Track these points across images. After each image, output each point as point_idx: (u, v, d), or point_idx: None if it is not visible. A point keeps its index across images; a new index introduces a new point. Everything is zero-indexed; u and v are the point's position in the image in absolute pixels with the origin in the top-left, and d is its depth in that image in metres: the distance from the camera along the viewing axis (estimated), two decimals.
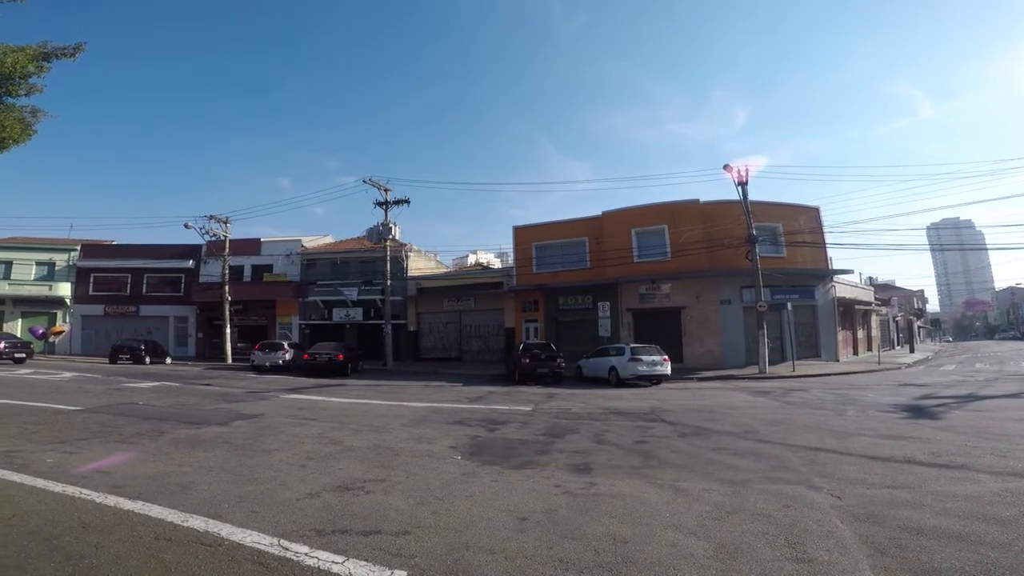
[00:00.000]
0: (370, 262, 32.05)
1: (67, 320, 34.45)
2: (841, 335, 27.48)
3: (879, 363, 25.19)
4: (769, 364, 21.36)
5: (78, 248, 35.67)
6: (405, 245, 33.10)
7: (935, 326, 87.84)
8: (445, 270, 38.94)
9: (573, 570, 3.41)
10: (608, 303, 25.71)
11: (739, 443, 7.89)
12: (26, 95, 11.47)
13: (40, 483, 4.92)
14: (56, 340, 33.30)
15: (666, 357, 18.29)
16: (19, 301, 33.94)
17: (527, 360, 19.10)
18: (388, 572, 3.28)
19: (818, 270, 25.83)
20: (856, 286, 32.27)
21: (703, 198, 26.05)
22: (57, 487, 4.83)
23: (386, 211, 27.48)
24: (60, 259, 35.09)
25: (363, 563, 3.37)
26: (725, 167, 22.10)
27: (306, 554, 3.47)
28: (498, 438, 8.23)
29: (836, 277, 26.95)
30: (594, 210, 31.35)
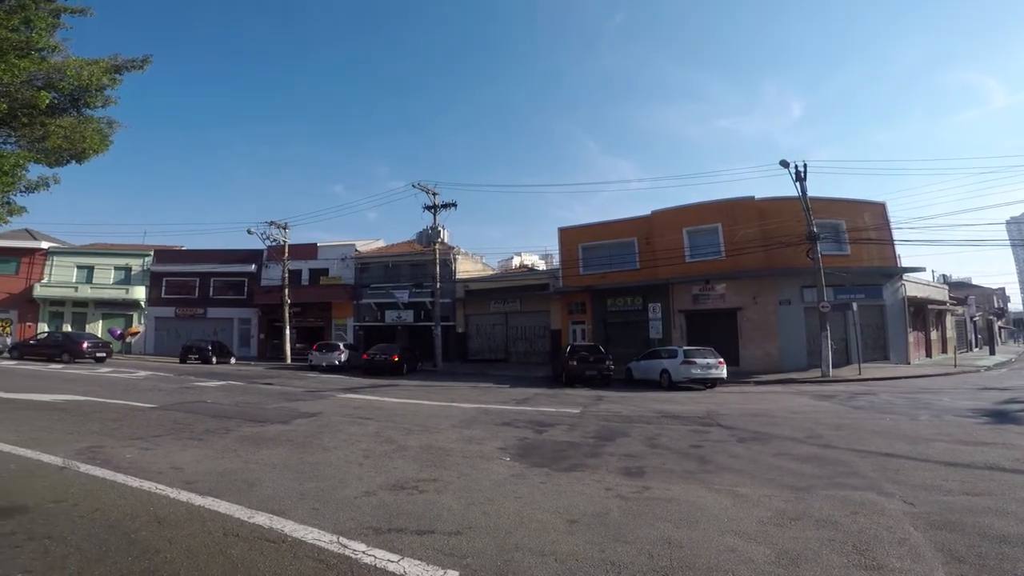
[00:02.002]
0: (420, 265, 32.71)
1: (142, 321, 36.90)
2: (912, 336, 25.85)
3: (955, 366, 23.56)
4: (833, 367, 20.33)
5: (151, 253, 38.18)
6: (453, 248, 33.60)
7: (1018, 327, 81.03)
8: (491, 272, 39.24)
9: (626, 573, 3.36)
10: (659, 304, 25.17)
11: (802, 448, 7.56)
12: (102, 107, 11.97)
13: (120, 478, 5.23)
14: (132, 340, 35.75)
15: (721, 360, 17.72)
16: (100, 303, 36.63)
17: (575, 362, 18.95)
18: (441, 572, 3.32)
19: (885, 268, 24.41)
20: (928, 284, 30.29)
21: (758, 195, 25.15)
22: (135, 482, 5.12)
23: (435, 214, 27.97)
24: (135, 264, 37.66)
25: (417, 562, 3.43)
26: (782, 162, 21.23)
27: (363, 552, 3.56)
28: (546, 440, 8.21)
29: (906, 275, 25.36)
30: (641, 209, 30.83)
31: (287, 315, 31.96)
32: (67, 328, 33.61)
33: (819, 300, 20.79)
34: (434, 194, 27.90)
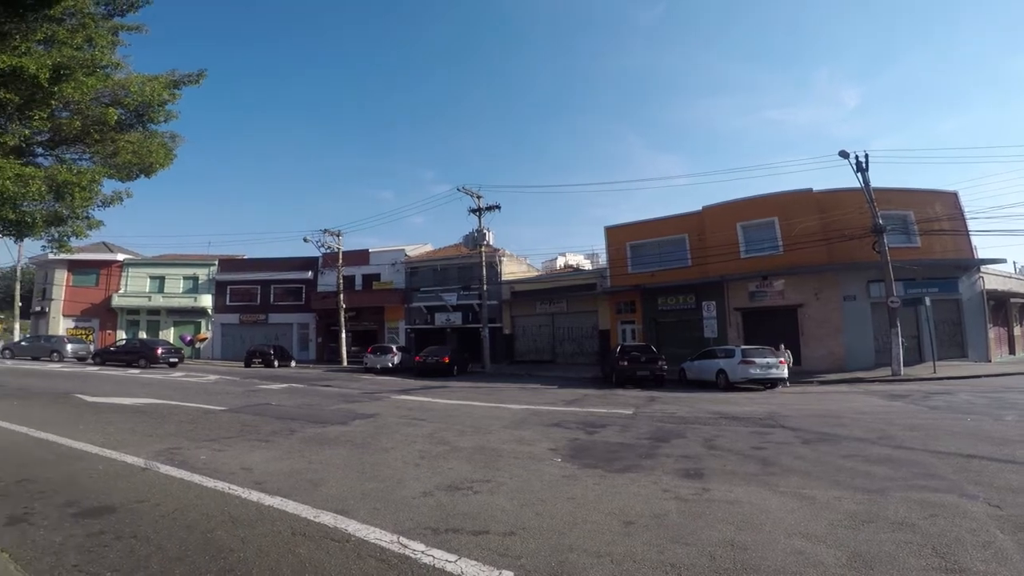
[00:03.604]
0: (467, 268, 33.10)
1: (209, 328, 39.10)
2: (993, 332, 23.99)
3: None
4: (904, 365, 19.17)
5: (216, 263, 40.41)
6: (498, 250, 33.82)
7: None
8: (536, 273, 39.25)
9: (686, 575, 3.29)
10: (713, 303, 24.40)
11: (873, 449, 7.19)
12: (164, 121, 12.33)
13: (196, 479, 5.51)
14: (201, 346, 37.94)
15: (782, 359, 17.04)
16: (171, 311, 39.12)
17: (625, 362, 18.68)
18: (496, 572, 3.34)
19: (961, 260, 22.81)
20: (1011, 277, 27.98)
21: (813, 187, 24.08)
22: (209, 483, 5.37)
23: (479, 217, 28.29)
24: (202, 273, 39.98)
25: (473, 563, 3.47)
26: (841, 153, 20.24)
27: (422, 552, 3.63)
28: (598, 441, 8.13)
29: (984, 267, 23.56)
30: (687, 205, 30.13)
31: (343, 319, 33.06)
32: (142, 335, 36.13)
33: (888, 295, 19.65)
34: (478, 197, 28.22)
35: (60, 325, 37.57)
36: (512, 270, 35.56)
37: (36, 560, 3.38)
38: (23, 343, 31.47)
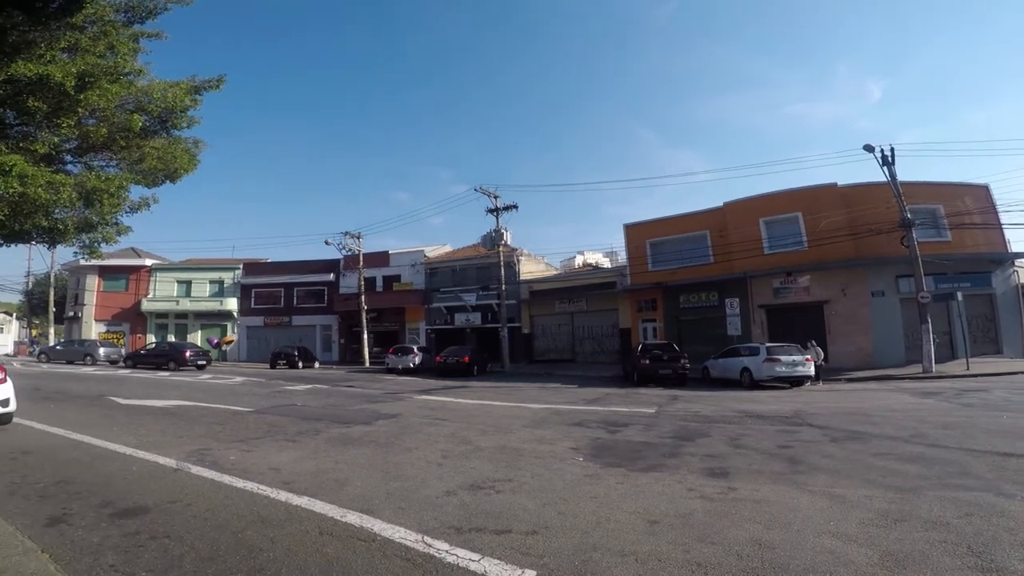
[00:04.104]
0: (485, 268, 33.20)
1: (235, 331, 39.89)
2: None
3: None
4: (936, 362, 18.62)
5: (240, 267, 41.21)
6: (516, 250, 33.84)
7: None
8: (554, 272, 39.17)
9: (713, 574, 3.25)
10: (737, 299, 24.01)
11: (905, 448, 7.02)
12: (187, 127, 12.35)
13: (226, 479, 5.62)
14: (227, 348, 38.73)
15: (808, 357, 16.71)
16: (198, 315, 40.00)
17: (647, 361, 18.53)
18: (519, 571, 3.35)
19: (993, 254, 22.15)
20: None
21: (840, 181, 23.57)
22: (239, 483, 5.47)
23: (497, 217, 28.34)
24: (227, 277, 40.80)
25: (497, 562, 3.48)
26: (866, 147, 19.78)
27: (447, 551, 3.65)
28: (620, 440, 8.07)
29: (1018, 261, 22.80)
30: (707, 202, 29.72)
31: (364, 321, 33.44)
32: (171, 338, 36.98)
33: (918, 290, 19.13)
34: (495, 197, 28.27)
35: (92, 329, 38.70)
36: (530, 269, 35.55)
37: (75, 560, 3.48)
38: (58, 347, 32.53)
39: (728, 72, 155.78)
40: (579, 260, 44.83)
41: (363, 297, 33.60)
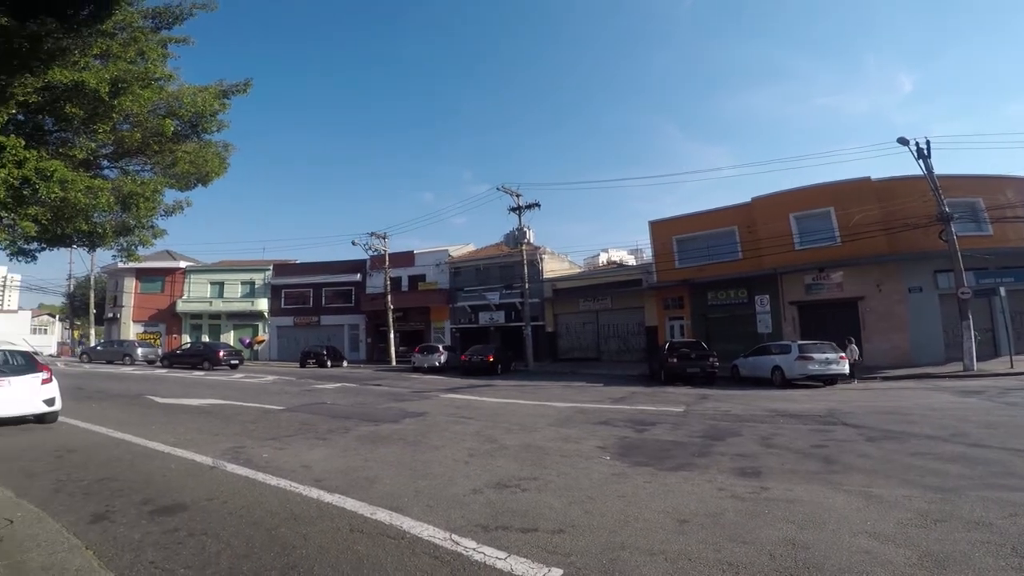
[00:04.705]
0: (508, 267, 33.21)
1: (266, 331, 40.81)
2: None
3: None
4: (977, 360, 17.90)
5: (271, 268, 42.08)
6: (539, 248, 33.76)
7: None
8: (578, 270, 38.96)
9: (745, 574, 3.19)
10: (767, 296, 23.45)
11: (945, 447, 6.80)
12: (217, 131, 12.61)
13: (260, 477, 5.73)
14: (259, 348, 39.65)
15: (843, 355, 16.25)
16: (231, 315, 41.03)
17: (675, 359, 18.28)
18: (546, 570, 3.34)
19: None
20: None
21: (873, 175, 22.89)
22: (272, 480, 5.58)
23: (519, 216, 28.31)
24: (258, 278, 41.72)
25: (523, 560, 3.48)
26: (900, 140, 19.17)
27: (474, 549, 3.67)
28: (648, 439, 7.99)
29: None
30: (734, 197, 29.20)
31: (391, 320, 33.83)
32: (205, 339, 38.01)
33: (957, 286, 18.44)
34: (517, 196, 28.25)
35: (130, 330, 40.05)
36: (553, 267, 35.42)
37: (117, 557, 3.60)
38: (98, 348, 33.81)
39: (753, 65, 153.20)
40: (603, 258, 44.56)
41: (389, 297, 33.99)
